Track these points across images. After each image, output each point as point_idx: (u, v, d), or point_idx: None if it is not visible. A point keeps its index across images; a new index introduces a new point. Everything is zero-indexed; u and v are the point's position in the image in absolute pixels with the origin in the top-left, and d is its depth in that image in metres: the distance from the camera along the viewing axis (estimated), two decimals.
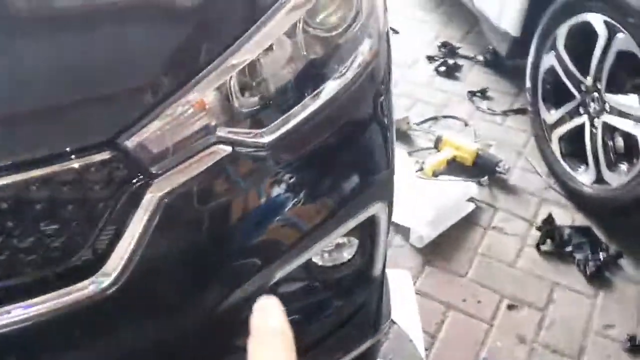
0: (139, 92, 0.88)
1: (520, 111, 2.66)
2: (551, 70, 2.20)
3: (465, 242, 2.12)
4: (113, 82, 0.88)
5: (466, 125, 2.64)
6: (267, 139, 1.00)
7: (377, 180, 1.20)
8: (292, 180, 1.05)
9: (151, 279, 0.95)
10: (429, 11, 3.42)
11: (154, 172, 0.90)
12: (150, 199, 0.91)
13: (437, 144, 2.46)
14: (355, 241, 1.24)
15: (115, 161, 0.86)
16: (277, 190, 1.03)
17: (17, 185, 0.82)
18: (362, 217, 1.17)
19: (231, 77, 0.96)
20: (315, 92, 1.08)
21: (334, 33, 1.10)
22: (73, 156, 0.84)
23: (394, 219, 2.16)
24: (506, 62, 2.75)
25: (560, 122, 2.22)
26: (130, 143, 0.87)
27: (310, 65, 1.08)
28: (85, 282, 0.91)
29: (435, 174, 2.34)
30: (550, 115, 2.27)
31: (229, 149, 0.96)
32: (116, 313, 0.95)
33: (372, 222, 1.22)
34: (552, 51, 2.17)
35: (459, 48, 3.08)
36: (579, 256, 2.02)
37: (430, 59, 3.03)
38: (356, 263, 1.28)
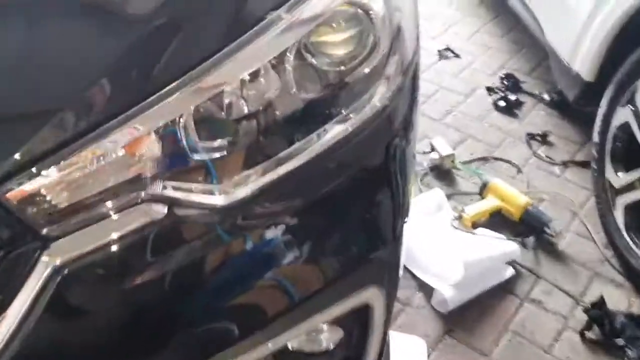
0: (34, 127, 0.65)
1: (583, 164, 2.32)
2: (625, 127, 1.88)
3: (496, 313, 1.82)
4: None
5: (519, 171, 2.32)
6: (223, 200, 0.76)
7: (374, 258, 0.93)
8: (253, 255, 0.80)
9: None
10: (498, 37, 3.10)
11: (49, 235, 0.67)
12: (45, 264, 0.68)
13: (482, 190, 2.16)
14: (339, 332, 0.98)
15: None
16: (229, 269, 0.78)
17: None
18: (347, 305, 0.91)
19: (180, 117, 0.72)
20: (300, 142, 0.82)
21: (341, 68, 0.85)
22: None
23: (417, 273, 1.89)
24: (578, 109, 2.41)
25: (628, 187, 1.89)
26: (13, 196, 0.63)
27: (302, 106, 0.83)
28: None
29: (474, 226, 2.04)
30: (618, 178, 1.93)
31: (163, 210, 0.72)
32: None
33: (362, 311, 0.96)
34: (629, 105, 1.84)
35: (523, 82, 2.75)
36: (632, 353, 1.69)
37: (490, 90, 2.72)
38: (342, 354, 1.02)
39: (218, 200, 0.75)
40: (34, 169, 0.64)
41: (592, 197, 2.18)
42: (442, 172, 2.28)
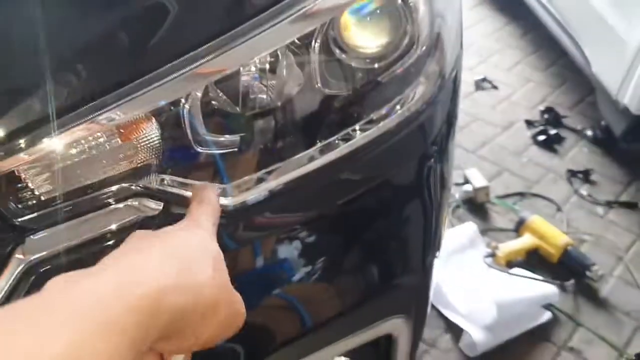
0: (11, 99, 0.56)
1: (629, 205, 2.17)
2: None
3: None
4: None
5: (558, 210, 2.18)
6: (233, 201, 0.66)
7: (401, 284, 0.81)
8: (261, 268, 0.70)
9: None
10: (540, 70, 2.98)
11: (23, 226, 0.57)
12: (18, 261, 0.58)
13: (519, 227, 2.02)
14: None
15: None
16: (232, 282, 0.67)
17: None
18: (367, 336, 0.79)
19: (188, 96, 0.62)
20: (327, 142, 0.72)
21: (372, 66, 0.74)
22: None
23: (445, 312, 1.76)
24: (620, 144, 2.27)
25: None
26: None
27: (326, 104, 0.73)
28: None
29: (509, 265, 1.90)
30: None
31: (158, 206, 0.61)
32: None
33: (386, 342, 0.84)
34: None
35: (564, 117, 2.62)
36: None
37: (530, 124, 2.59)
38: None
39: (225, 201, 0.65)
40: (11, 145, 0.54)
41: (637, 241, 2.03)
42: (476, 206, 2.15)
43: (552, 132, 2.52)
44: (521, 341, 1.70)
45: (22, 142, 0.55)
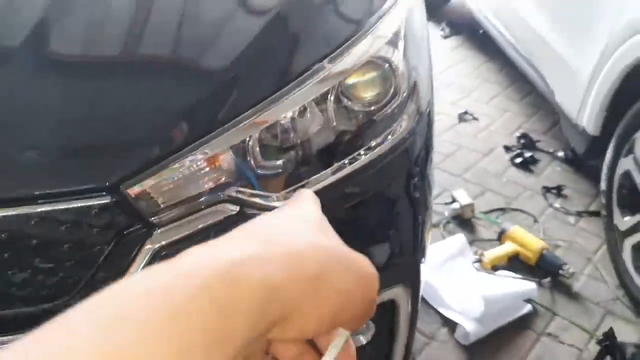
0: (146, 143, 0.89)
1: (596, 214, 2.50)
2: (627, 175, 2.07)
3: (515, 347, 1.97)
4: (122, 130, 0.89)
5: (535, 221, 2.51)
6: (280, 204, 0.98)
7: (399, 262, 1.14)
8: None
9: None
10: (515, 101, 3.35)
11: (154, 222, 0.90)
12: (148, 249, 0.90)
13: (501, 236, 2.35)
14: (370, 327, 1.17)
15: (115, 207, 0.86)
16: None
17: (19, 218, 0.84)
18: (379, 299, 1.11)
19: (250, 137, 0.96)
20: (340, 163, 1.05)
21: (369, 109, 1.08)
22: (74, 197, 0.85)
23: (441, 310, 2.06)
24: (587, 162, 2.62)
25: (633, 229, 2.06)
26: (131, 191, 0.87)
27: (338, 137, 1.07)
28: None
29: (493, 268, 2.22)
30: (624, 222, 2.11)
31: (236, 208, 0.94)
32: None
33: (391, 306, 1.15)
34: (630, 155, 2.04)
35: (538, 141, 2.97)
36: None
37: (507, 149, 2.94)
38: (372, 349, 1.21)
39: (276, 204, 0.98)
40: (144, 174, 0.87)
41: (604, 244, 2.35)
42: (463, 221, 2.47)
43: (528, 154, 2.87)
44: (507, 330, 2.00)
45: (151, 170, 0.88)
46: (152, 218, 0.89)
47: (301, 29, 1.06)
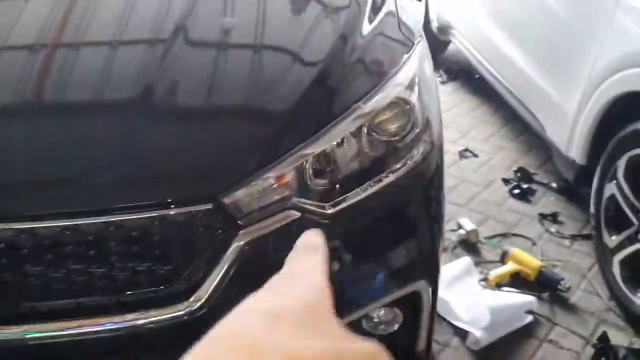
0: (236, 166, 1.19)
1: (588, 237, 2.77)
2: (612, 198, 2.35)
3: (520, 352, 2.21)
4: (220, 157, 1.20)
5: (534, 244, 2.78)
6: (330, 211, 1.27)
7: (421, 261, 1.41)
8: (347, 248, 1.30)
9: (228, 308, 1.20)
10: (510, 139, 3.66)
11: (241, 224, 1.18)
12: (236, 246, 1.18)
13: (503, 257, 2.61)
14: (400, 315, 1.44)
15: (214, 212, 1.15)
16: (337, 250, 1.28)
17: (148, 220, 1.12)
18: (407, 290, 1.38)
19: (306, 161, 1.25)
20: (372, 181, 1.34)
21: (392, 138, 1.38)
22: (185, 204, 1.14)
23: (453, 321, 2.31)
24: (580, 191, 2.90)
25: (620, 247, 2.33)
26: (227, 200, 1.16)
27: (370, 161, 1.36)
28: (181, 304, 1.18)
29: (498, 285, 2.48)
30: (612, 241, 2.39)
31: (298, 214, 1.23)
32: (199, 331, 1.20)
33: (415, 297, 1.42)
34: (614, 180, 2.33)
35: (534, 174, 3.27)
36: None
37: (506, 181, 3.23)
38: (400, 336, 1.47)
39: (328, 211, 1.26)
40: (235, 187, 1.17)
41: (597, 263, 2.61)
42: (469, 245, 2.74)
43: (525, 186, 3.16)
44: (512, 337, 2.25)
45: (240, 184, 1.17)
46: (239, 221, 1.18)
47: (341, 78, 1.37)
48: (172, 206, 1.13)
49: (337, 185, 1.30)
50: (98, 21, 1.49)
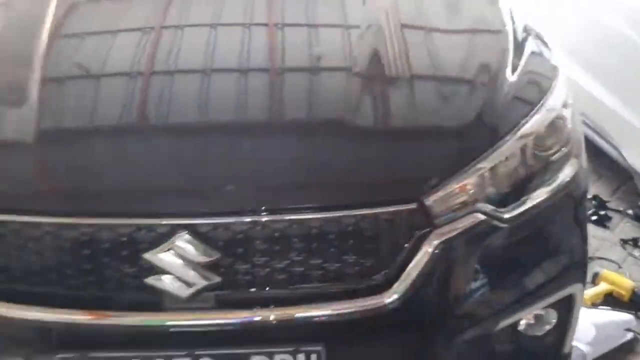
0: (438, 171, 1.37)
1: None
2: None
3: None
4: (424, 163, 1.39)
5: (619, 267, 2.88)
6: (507, 215, 1.41)
7: (578, 265, 1.55)
8: (519, 250, 1.44)
9: (420, 301, 1.34)
10: None
11: (436, 224, 1.33)
12: (430, 243, 1.33)
13: (595, 278, 2.72)
14: (554, 317, 1.56)
15: (417, 212, 1.30)
16: (508, 254, 1.42)
17: (360, 218, 1.28)
18: (566, 292, 1.52)
19: (484, 172, 1.40)
20: (534, 191, 1.48)
21: (549, 152, 1.52)
22: (393, 203, 1.30)
23: None
24: None
25: None
26: (427, 201, 1.31)
27: (532, 173, 1.50)
28: (380, 296, 1.32)
29: (593, 305, 2.58)
30: None
31: (483, 217, 1.37)
32: (394, 321, 1.34)
33: (570, 300, 1.55)
34: None
35: (608, 202, 3.38)
36: None
37: None
38: (550, 337, 1.59)
39: (505, 215, 1.41)
40: (433, 190, 1.32)
41: None
42: None
43: (602, 213, 3.28)
44: (615, 353, 2.35)
45: (436, 189, 1.33)
46: (435, 221, 1.33)
47: (509, 102, 1.53)
48: (382, 205, 1.29)
49: (509, 194, 1.45)
50: (221, 49, 1.69)
